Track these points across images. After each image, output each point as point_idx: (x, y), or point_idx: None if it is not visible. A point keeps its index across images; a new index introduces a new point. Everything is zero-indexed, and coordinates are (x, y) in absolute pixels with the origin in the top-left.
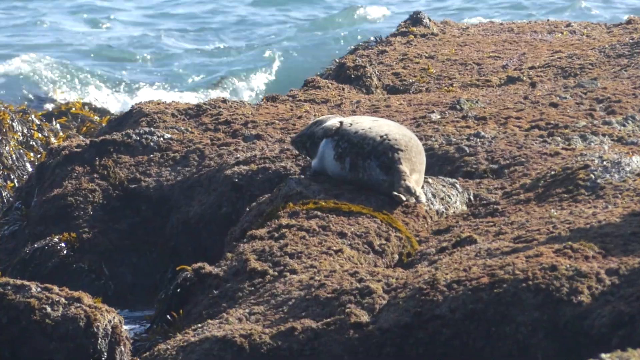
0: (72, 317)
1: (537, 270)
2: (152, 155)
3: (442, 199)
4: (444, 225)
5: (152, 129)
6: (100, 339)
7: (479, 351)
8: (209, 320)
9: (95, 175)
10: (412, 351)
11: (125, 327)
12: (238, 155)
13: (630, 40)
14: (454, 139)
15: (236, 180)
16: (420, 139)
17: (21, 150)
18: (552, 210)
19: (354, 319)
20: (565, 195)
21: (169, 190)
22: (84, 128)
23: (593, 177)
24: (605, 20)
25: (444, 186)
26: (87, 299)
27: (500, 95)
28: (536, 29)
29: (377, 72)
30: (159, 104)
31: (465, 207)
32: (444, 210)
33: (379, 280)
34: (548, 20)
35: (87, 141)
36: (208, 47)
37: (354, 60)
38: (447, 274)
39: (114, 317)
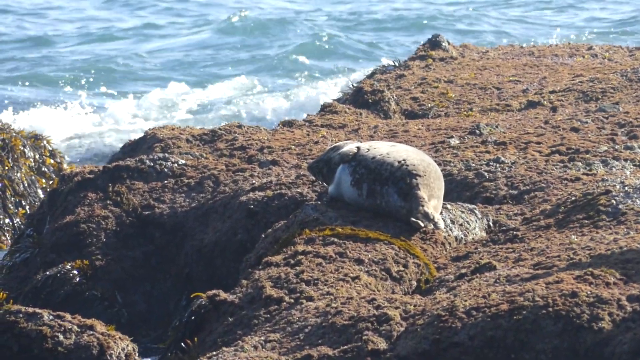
0: (85, 345)
1: (557, 297)
2: (166, 182)
3: (461, 225)
4: (462, 251)
5: (166, 154)
6: None
7: None
8: (224, 348)
9: (108, 202)
10: None
11: (139, 355)
12: (253, 181)
13: None
14: (473, 165)
15: (251, 206)
16: (439, 165)
17: (33, 177)
18: (573, 236)
19: (372, 346)
20: (586, 221)
21: (183, 217)
22: None
23: (614, 202)
24: None
25: (462, 212)
26: (100, 326)
27: (520, 120)
28: (557, 52)
29: (395, 97)
30: (173, 129)
31: (484, 234)
32: (462, 236)
33: (396, 307)
34: (569, 43)
35: (100, 167)
36: None
37: (372, 85)
38: (465, 300)
39: (127, 345)
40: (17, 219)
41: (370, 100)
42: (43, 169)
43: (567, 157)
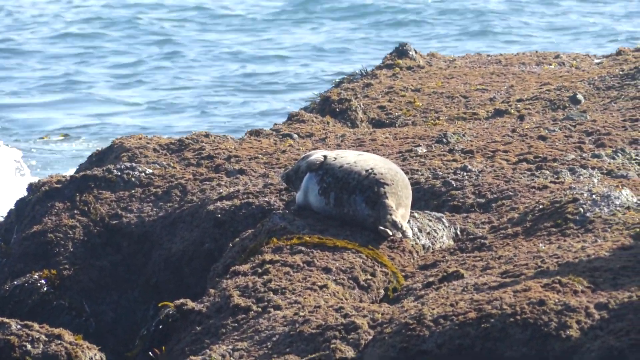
0: (52, 354)
1: (525, 305)
2: (133, 191)
3: (429, 233)
4: (430, 260)
5: (134, 164)
6: None
7: None
8: (192, 357)
9: (75, 212)
10: None
11: None
12: (221, 190)
13: (620, 72)
14: (441, 173)
15: (219, 215)
16: (406, 173)
17: None
18: (541, 245)
19: (339, 354)
20: (554, 229)
21: (150, 227)
22: None
23: (582, 210)
24: None
25: (430, 220)
26: (68, 336)
27: (487, 129)
28: (524, 60)
29: (362, 106)
30: (140, 138)
31: (452, 242)
32: (430, 244)
33: (364, 316)
34: (536, 51)
35: (68, 177)
36: None
37: (339, 94)
38: (433, 309)
39: (95, 354)
40: None
41: (337, 109)
42: None
43: (535, 166)
